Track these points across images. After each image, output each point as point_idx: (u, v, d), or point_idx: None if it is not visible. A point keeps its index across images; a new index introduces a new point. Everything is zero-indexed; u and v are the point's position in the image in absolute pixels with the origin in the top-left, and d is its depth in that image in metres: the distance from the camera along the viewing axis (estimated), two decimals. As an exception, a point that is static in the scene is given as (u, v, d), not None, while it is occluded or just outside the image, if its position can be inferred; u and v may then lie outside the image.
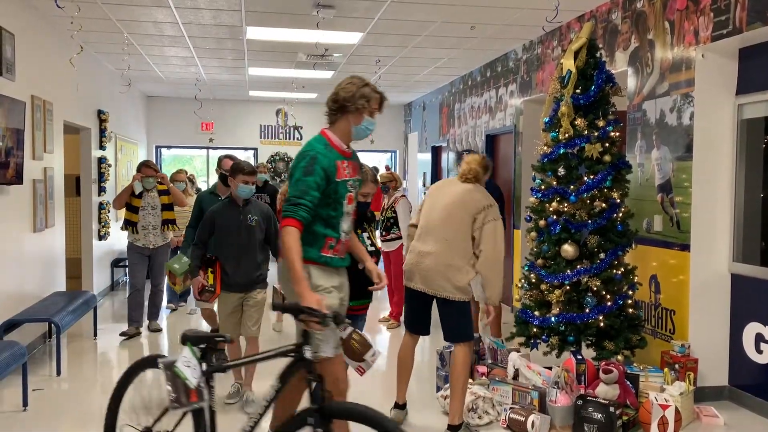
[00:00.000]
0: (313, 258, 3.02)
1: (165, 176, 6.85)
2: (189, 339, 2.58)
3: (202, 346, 2.58)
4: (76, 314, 5.75)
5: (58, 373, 5.28)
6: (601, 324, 4.53)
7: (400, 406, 4.26)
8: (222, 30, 6.88)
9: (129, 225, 6.54)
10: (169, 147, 13.15)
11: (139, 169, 6.63)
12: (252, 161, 13.34)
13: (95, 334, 6.51)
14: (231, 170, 4.46)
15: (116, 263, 9.33)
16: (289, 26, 6.64)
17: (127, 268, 7.52)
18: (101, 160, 8.48)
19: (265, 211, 4.62)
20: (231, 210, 4.49)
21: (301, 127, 13.13)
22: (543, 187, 4.90)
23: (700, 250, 4.67)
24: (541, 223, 4.82)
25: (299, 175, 2.95)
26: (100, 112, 8.46)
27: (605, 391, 4.19)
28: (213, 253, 4.57)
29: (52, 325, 5.71)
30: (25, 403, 4.48)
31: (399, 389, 4.26)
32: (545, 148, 4.94)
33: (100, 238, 8.45)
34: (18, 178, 5.38)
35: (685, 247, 4.71)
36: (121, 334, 6.47)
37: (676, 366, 4.48)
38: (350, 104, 3.05)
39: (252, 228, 4.48)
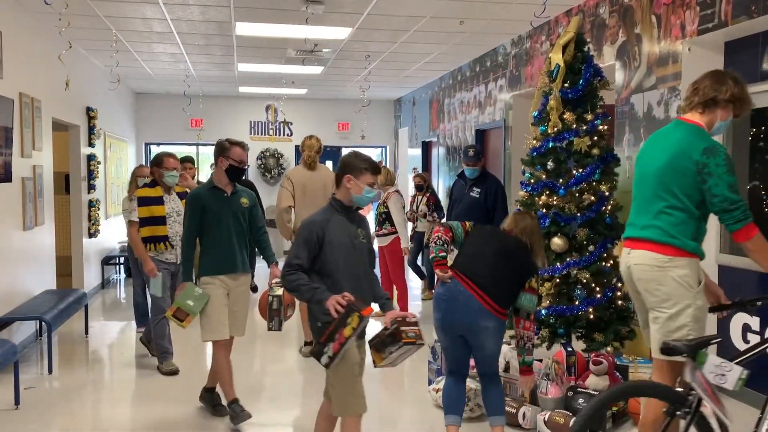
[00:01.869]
0: (702, 255, 2.98)
1: (190, 171, 6.34)
2: (698, 347, 2.52)
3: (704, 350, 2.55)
4: (66, 312, 5.74)
5: (50, 371, 5.26)
6: (591, 316, 4.59)
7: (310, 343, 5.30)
8: (211, 26, 6.86)
9: (159, 241, 5.17)
10: (158, 144, 13.08)
11: (158, 163, 5.17)
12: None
13: (86, 332, 6.49)
14: (347, 166, 3.14)
15: (107, 261, 9.30)
16: (278, 21, 6.63)
17: (148, 288, 5.62)
18: (90, 158, 8.45)
19: (366, 221, 3.38)
20: (343, 222, 3.15)
21: (291, 123, 13.11)
22: (532, 180, 4.93)
23: (687, 241, 4.71)
24: (531, 216, 4.84)
25: (729, 176, 2.85)
26: (89, 110, 8.42)
27: (595, 382, 4.23)
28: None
29: (43, 323, 5.71)
30: (17, 402, 4.47)
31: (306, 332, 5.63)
32: (534, 142, 4.97)
33: (90, 235, 8.42)
34: (7, 176, 5.35)
35: (673, 239, 4.74)
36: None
37: (665, 357, 4.51)
38: (733, 103, 2.96)
39: (364, 245, 3.24)
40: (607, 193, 4.69)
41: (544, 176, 4.83)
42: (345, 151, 13.65)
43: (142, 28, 6.95)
